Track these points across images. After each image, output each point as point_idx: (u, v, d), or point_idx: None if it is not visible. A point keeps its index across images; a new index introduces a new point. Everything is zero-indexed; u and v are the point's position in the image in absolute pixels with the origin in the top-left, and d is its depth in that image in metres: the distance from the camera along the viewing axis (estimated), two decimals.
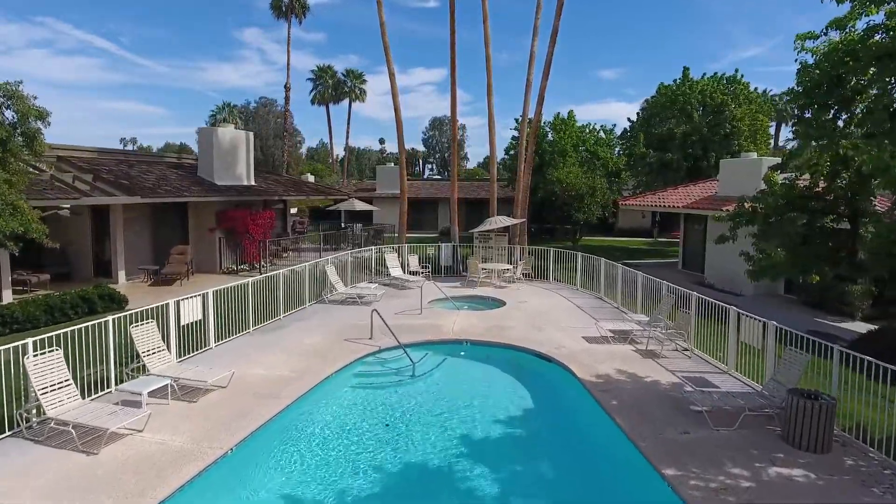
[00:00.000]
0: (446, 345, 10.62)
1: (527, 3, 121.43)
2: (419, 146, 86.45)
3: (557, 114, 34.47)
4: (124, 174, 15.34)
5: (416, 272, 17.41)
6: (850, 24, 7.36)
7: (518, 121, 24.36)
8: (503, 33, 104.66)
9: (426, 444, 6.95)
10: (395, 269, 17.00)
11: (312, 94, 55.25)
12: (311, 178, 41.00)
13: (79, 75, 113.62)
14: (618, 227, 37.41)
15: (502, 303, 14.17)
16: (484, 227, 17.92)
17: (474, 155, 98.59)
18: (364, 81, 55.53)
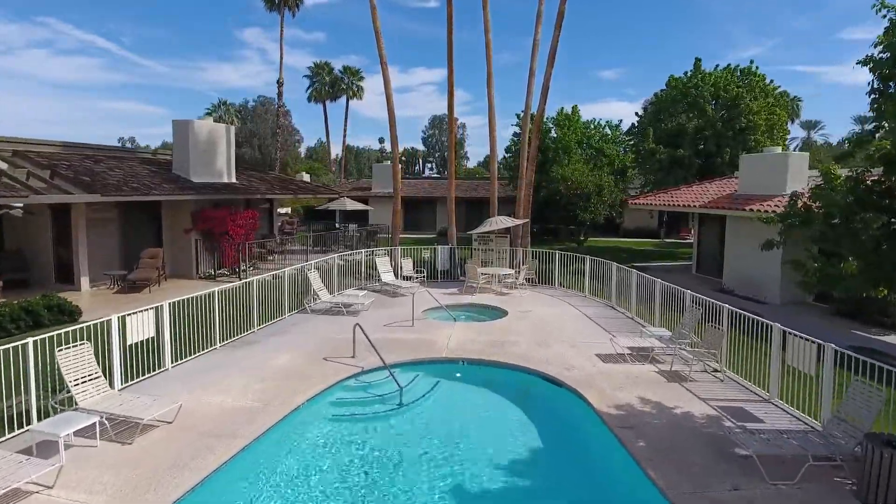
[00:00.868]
0: (440, 364, 9.26)
1: (527, 2, 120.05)
2: (419, 145, 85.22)
3: (561, 109, 33.17)
4: (87, 170, 13.91)
5: (409, 277, 16.06)
6: None
7: (520, 116, 22.90)
8: (504, 33, 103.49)
9: (411, 501, 5.59)
10: (387, 274, 15.64)
11: (309, 91, 54.11)
12: (306, 177, 39.61)
13: (79, 75, 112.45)
14: (623, 227, 35.86)
15: (504, 312, 12.79)
16: (484, 227, 16.55)
17: (474, 155, 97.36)
18: (361, 78, 54.32)
